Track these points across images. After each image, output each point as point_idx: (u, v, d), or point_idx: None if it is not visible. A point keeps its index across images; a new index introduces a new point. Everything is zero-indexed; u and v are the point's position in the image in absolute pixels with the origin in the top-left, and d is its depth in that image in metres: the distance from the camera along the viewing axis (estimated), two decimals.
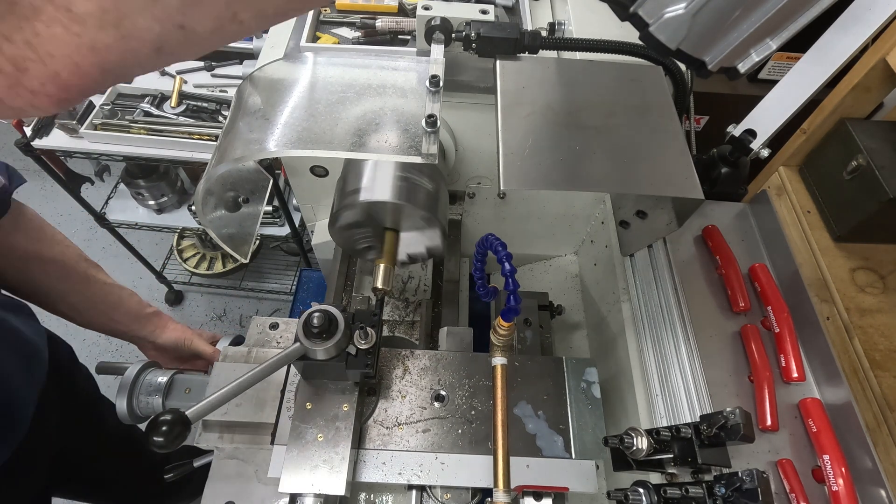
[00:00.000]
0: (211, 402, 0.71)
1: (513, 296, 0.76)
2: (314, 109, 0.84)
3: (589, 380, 1.01)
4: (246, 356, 1.03)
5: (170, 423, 0.64)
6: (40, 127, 1.77)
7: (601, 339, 1.33)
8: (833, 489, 0.83)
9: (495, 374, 0.87)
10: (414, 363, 1.02)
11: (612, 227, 1.25)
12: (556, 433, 0.94)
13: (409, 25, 1.14)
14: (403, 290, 1.32)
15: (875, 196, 1.03)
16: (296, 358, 0.82)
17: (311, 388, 0.92)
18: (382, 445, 0.92)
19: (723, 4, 0.52)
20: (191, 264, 2.55)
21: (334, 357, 0.84)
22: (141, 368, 1.01)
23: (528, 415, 0.96)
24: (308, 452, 0.86)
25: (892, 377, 0.95)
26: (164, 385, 1.00)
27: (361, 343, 0.86)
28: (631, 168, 0.82)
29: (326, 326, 0.81)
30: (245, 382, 0.75)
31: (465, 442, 0.93)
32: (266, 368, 0.77)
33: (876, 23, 0.87)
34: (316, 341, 0.81)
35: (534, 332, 1.16)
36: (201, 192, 0.89)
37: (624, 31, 0.70)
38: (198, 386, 1.02)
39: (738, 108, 1.04)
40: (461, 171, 1.28)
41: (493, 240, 0.78)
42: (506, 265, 0.74)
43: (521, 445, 0.92)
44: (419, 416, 0.96)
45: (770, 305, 1.02)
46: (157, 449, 0.63)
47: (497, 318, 0.86)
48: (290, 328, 1.11)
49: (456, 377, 1.00)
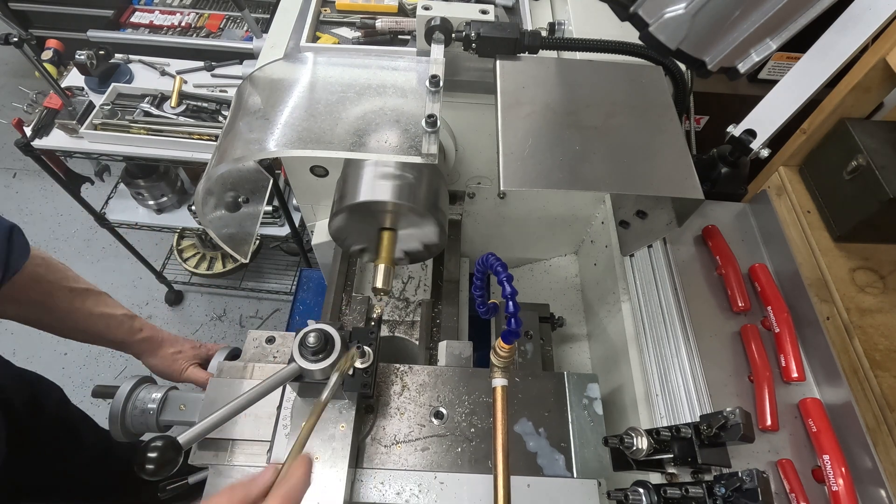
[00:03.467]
0: (203, 427, 0.69)
1: (514, 319, 0.73)
2: (314, 109, 0.84)
3: (591, 396, 0.99)
4: (242, 371, 1.01)
5: (161, 449, 0.62)
6: (40, 127, 1.77)
7: (601, 339, 1.33)
8: (833, 489, 0.83)
9: (495, 395, 0.83)
10: (412, 379, 1.00)
11: (612, 227, 1.25)
12: (557, 451, 0.92)
13: (409, 25, 1.14)
14: (403, 290, 1.32)
15: (875, 196, 1.03)
16: (291, 379, 0.80)
17: (308, 407, 0.90)
18: (381, 464, 0.90)
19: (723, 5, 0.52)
20: (191, 264, 2.55)
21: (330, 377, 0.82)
22: (134, 385, 0.99)
23: (529, 432, 0.94)
24: None
25: (892, 377, 0.95)
26: (157, 401, 0.99)
27: (359, 363, 0.84)
28: (631, 168, 0.82)
29: (322, 346, 0.79)
30: (239, 405, 0.73)
31: (465, 461, 0.91)
32: (260, 390, 0.75)
33: (876, 23, 0.87)
34: (312, 361, 0.79)
35: (534, 346, 1.14)
36: (201, 192, 0.89)
37: (624, 31, 0.70)
38: (192, 403, 1.00)
39: (738, 108, 1.04)
40: (461, 171, 1.28)
41: (493, 261, 0.76)
42: (506, 287, 0.72)
43: (522, 464, 0.90)
44: (418, 434, 0.94)
45: (770, 305, 1.02)
46: (148, 477, 0.61)
47: (497, 340, 0.83)
48: (287, 342, 1.09)
49: (455, 393, 0.98)
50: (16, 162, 3.13)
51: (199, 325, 2.66)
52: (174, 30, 2.34)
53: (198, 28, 2.34)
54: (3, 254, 0.89)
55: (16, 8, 2.80)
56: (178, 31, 2.33)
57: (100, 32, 1.85)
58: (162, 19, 2.37)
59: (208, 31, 2.33)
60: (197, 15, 2.39)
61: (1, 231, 0.90)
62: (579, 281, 1.57)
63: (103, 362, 2.51)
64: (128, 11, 2.40)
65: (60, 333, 1.06)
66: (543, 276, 1.62)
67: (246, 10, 1.67)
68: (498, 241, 1.54)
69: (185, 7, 2.44)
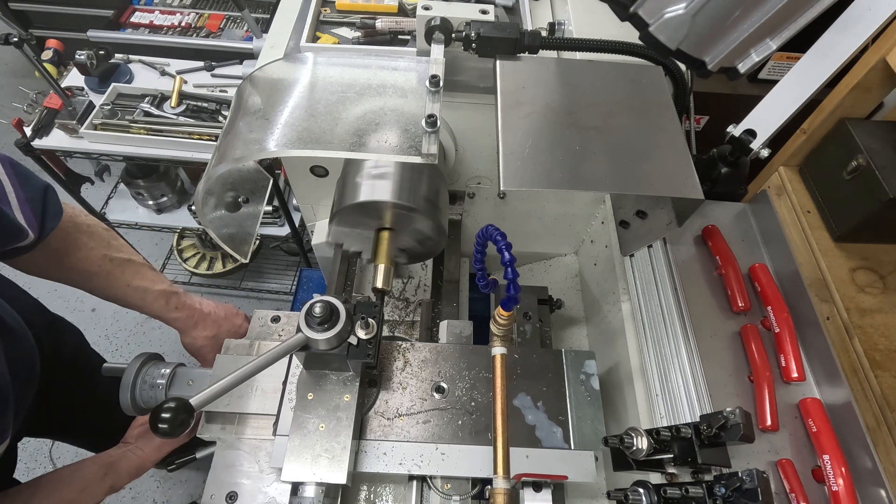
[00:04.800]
0: (214, 391, 0.72)
1: (512, 284, 0.76)
2: (314, 109, 0.84)
3: (588, 372, 1.01)
4: (248, 349, 1.04)
5: (174, 409, 0.65)
6: (40, 127, 1.77)
7: (601, 340, 1.33)
8: (833, 489, 0.83)
9: (495, 363, 0.87)
10: (414, 355, 1.02)
11: (612, 227, 1.25)
12: (555, 424, 0.95)
13: (409, 25, 1.14)
14: (403, 289, 1.32)
15: (875, 196, 1.03)
16: (298, 348, 0.82)
17: (313, 379, 0.92)
18: (383, 436, 0.93)
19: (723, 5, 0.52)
20: (191, 264, 2.55)
21: (336, 347, 0.84)
22: (142, 363, 1.01)
23: (528, 406, 0.97)
24: (310, 442, 0.86)
25: (892, 377, 0.95)
26: (167, 376, 1.01)
27: (362, 333, 0.86)
28: (631, 168, 0.82)
29: (328, 316, 0.81)
30: (248, 371, 0.75)
31: (466, 433, 0.94)
32: (269, 358, 0.78)
33: (876, 23, 0.87)
34: (318, 331, 0.81)
35: (533, 326, 1.16)
36: (201, 192, 0.89)
37: (624, 31, 0.70)
38: (200, 378, 1.03)
39: (738, 108, 1.04)
40: (461, 171, 1.28)
41: (493, 230, 0.78)
42: (505, 254, 0.74)
43: (521, 436, 0.93)
44: (420, 408, 0.96)
45: (770, 305, 1.02)
46: (162, 436, 0.64)
47: (497, 308, 0.86)
48: (292, 321, 1.12)
49: (456, 369, 1.01)
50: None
51: None
52: (174, 30, 2.34)
53: (198, 28, 2.34)
54: (39, 213, 0.90)
55: (16, 8, 2.80)
56: (178, 31, 2.33)
57: (100, 32, 1.85)
58: (162, 19, 2.37)
59: (208, 31, 2.33)
60: (197, 15, 2.39)
61: (37, 190, 0.90)
62: (579, 281, 1.57)
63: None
64: (128, 11, 2.40)
65: (104, 297, 1.07)
66: (543, 276, 1.62)
67: (246, 10, 1.67)
68: None
69: (185, 7, 2.44)
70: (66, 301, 2.68)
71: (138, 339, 2.59)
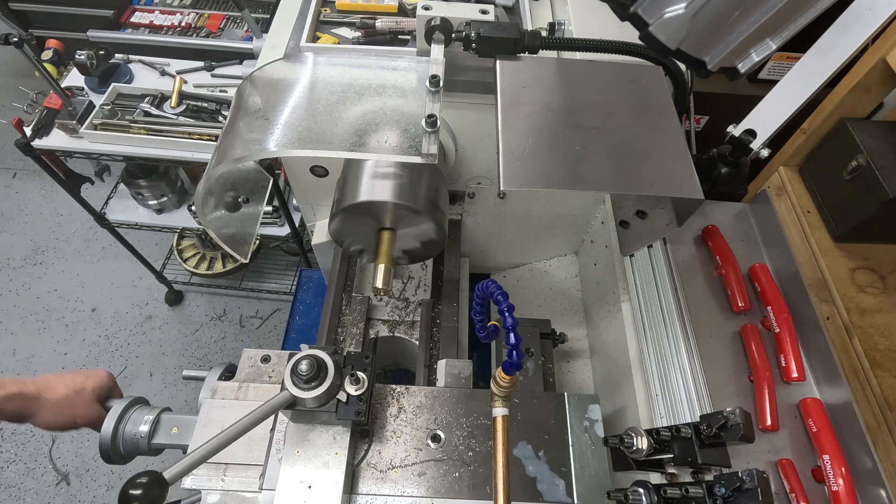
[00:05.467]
0: (191, 461, 0.68)
1: (515, 351, 0.71)
2: (314, 109, 0.84)
3: (592, 418, 0.97)
4: (236, 392, 0.98)
5: (145, 486, 0.61)
6: (40, 127, 1.77)
7: (601, 340, 1.33)
8: (833, 489, 0.83)
9: (496, 426, 0.80)
10: (409, 400, 0.98)
11: (612, 227, 1.25)
12: (557, 476, 0.90)
13: (409, 25, 1.14)
14: (403, 290, 1.32)
15: (875, 196, 1.03)
16: (283, 406, 0.79)
17: (301, 433, 0.87)
18: (376, 490, 0.88)
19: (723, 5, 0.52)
20: (191, 264, 2.55)
21: (324, 404, 0.82)
22: (126, 406, 0.96)
23: (529, 456, 0.92)
24: (297, 501, 0.82)
25: (892, 377, 0.95)
26: (150, 423, 0.95)
27: (352, 389, 0.83)
28: (631, 168, 0.82)
29: (315, 373, 0.78)
30: (228, 437, 0.72)
31: (463, 486, 0.89)
32: (251, 420, 0.74)
33: (876, 23, 0.87)
34: (304, 389, 0.78)
35: (535, 364, 1.13)
36: (201, 193, 0.89)
37: (624, 31, 0.70)
38: (185, 425, 0.97)
39: (738, 108, 1.04)
40: (461, 171, 1.28)
41: (494, 289, 0.73)
42: (507, 318, 0.69)
43: (522, 489, 0.88)
44: (414, 458, 0.91)
45: (770, 305, 1.02)
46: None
47: (498, 370, 0.80)
48: (283, 361, 1.05)
49: (453, 415, 0.96)
50: (16, 162, 3.13)
51: (199, 326, 2.67)
52: (174, 30, 2.34)
53: (198, 28, 2.34)
54: None
55: (16, 8, 2.80)
56: (178, 31, 2.33)
57: (100, 32, 1.85)
58: (162, 19, 2.37)
59: (208, 31, 2.33)
60: (197, 15, 2.39)
61: None
62: (579, 281, 1.57)
63: (103, 362, 2.51)
64: (128, 11, 2.40)
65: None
66: (543, 276, 1.62)
67: (246, 10, 1.67)
68: (498, 241, 1.54)
69: (185, 7, 2.44)
70: (65, 301, 2.68)
71: (138, 339, 2.60)
